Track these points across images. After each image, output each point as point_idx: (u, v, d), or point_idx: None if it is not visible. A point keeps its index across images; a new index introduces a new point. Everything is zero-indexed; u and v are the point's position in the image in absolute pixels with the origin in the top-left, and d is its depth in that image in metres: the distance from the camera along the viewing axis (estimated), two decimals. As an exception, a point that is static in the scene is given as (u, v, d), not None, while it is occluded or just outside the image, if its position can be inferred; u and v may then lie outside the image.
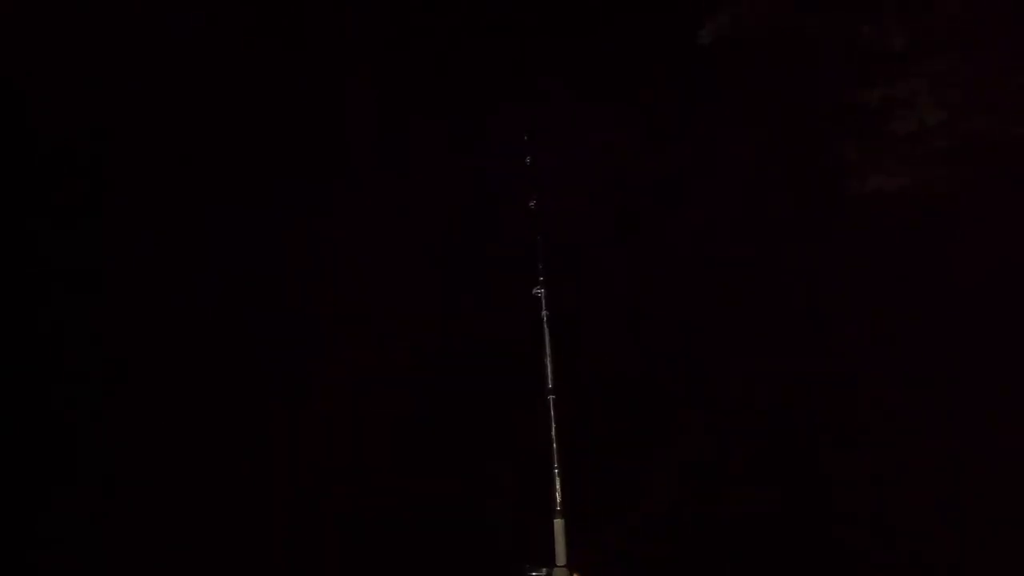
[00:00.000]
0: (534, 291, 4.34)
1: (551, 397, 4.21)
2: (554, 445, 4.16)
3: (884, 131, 4.72)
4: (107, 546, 4.98)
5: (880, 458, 4.91)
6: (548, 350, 4.24)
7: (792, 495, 4.90)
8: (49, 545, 4.97)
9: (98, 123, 5.27)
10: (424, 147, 5.42)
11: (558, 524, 4.07)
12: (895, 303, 4.90)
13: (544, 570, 4.02)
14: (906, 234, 4.80)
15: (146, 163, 5.33)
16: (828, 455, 4.95)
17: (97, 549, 4.97)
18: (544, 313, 4.29)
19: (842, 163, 4.88)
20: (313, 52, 5.41)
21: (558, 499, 4.09)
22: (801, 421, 5.02)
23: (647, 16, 5.09)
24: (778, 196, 5.08)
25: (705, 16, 4.72)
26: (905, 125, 4.65)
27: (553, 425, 4.18)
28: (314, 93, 5.40)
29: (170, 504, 5.02)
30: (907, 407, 4.85)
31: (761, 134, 5.06)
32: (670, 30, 4.89)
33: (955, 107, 4.54)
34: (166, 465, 5.06)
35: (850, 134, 4.87)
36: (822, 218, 4.97)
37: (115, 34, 5.24)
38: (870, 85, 4.69)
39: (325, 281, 5.36)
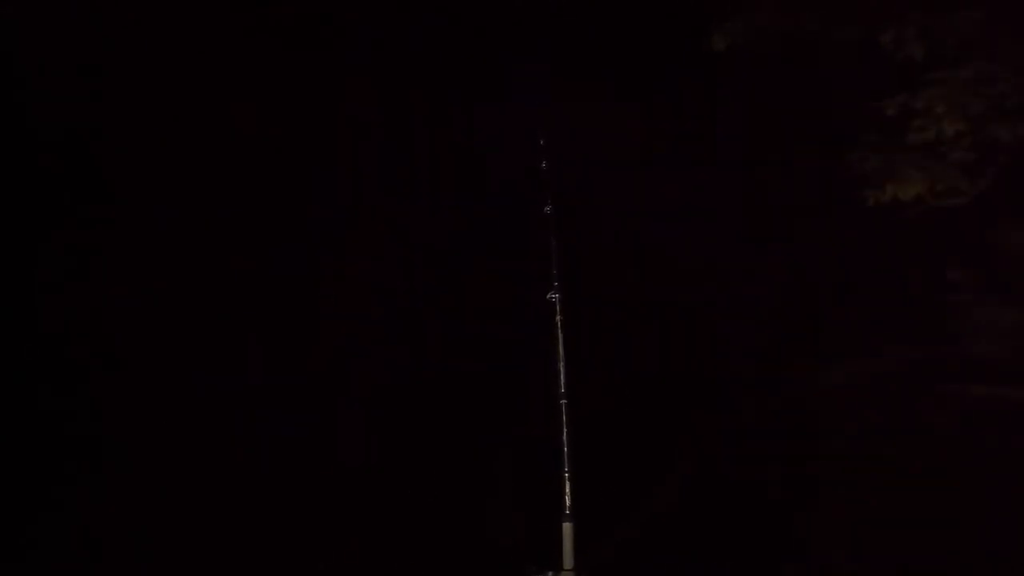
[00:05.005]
0: (549, 296, 4.36)
1: (563, 401, 4.23)
2: (565, 449, 4.18)
3: (903, 140, 4.70)
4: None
5: (892, 463, 4.89)
6: (562, 354, 4.26)
7: (802, 499, 4.89)
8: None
9: (97, 122, 5.33)
10: (432, 149, 5.46)
11: (567, 527, 4.08)
12: (910, 311, 4.89)
13: (550, 573, 4.02)
14: (923, 242, 4.80)
15: (145, 163, 5.40)
16: (837, 459, 4.93)
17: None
18: (558, 318, 4.31)
19: (860, 171, 4.87)
20: (314, 50, 5.45)
21: (568, 502, 4.10)
22: (812, 426, 5.01)
23: (662, 23, 5.11)
24: (795, 204, 5.08)
25: (719, 23, 4.72)
26: (924, 135, 4.64)
27: (565, 429, 4.19)
28: (317, 92, 5.45)
29: (171, 505, 5.09)
30: (916, 411, 4.84)
31: (779, 142, 5.07)
32: (685, 37, 4.90)
33: (974, 117, 4.52)
34: (167, 467, 5.13)
35: (869, 143, 4.86)
36: (839, 226, 4.97)
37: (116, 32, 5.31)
38: (889, 94, 4.67)
39: (331, 284, 5.41)
